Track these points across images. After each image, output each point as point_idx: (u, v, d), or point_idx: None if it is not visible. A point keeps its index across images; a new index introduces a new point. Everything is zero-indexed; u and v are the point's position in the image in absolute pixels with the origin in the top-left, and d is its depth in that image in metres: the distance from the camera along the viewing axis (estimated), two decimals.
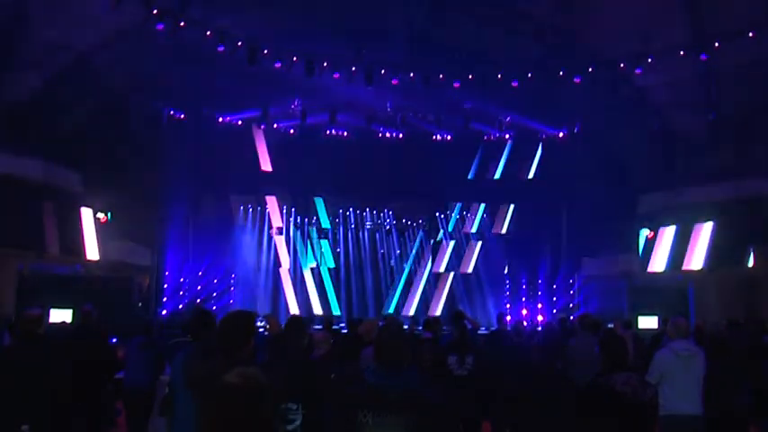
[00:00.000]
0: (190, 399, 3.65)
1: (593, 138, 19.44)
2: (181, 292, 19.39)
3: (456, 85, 17.15)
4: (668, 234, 18.06)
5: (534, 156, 21.48)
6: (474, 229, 22.57)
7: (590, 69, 16.48)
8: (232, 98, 18.96)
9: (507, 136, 21.21)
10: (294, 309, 20.80)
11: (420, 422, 2.86)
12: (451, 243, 22.43)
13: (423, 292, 22.11)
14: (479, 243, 22.35)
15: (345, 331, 10.20)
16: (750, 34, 14.40)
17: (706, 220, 16.98)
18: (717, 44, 14.91)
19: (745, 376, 7.06)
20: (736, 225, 16.16)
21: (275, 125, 20.47)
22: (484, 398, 7.13)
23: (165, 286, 19.18)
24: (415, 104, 19.70)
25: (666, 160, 17.87)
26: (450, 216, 22.65)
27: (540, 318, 20.13)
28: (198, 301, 18.94)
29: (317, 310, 21.12)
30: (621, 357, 4.27)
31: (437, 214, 22.54)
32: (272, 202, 21.81)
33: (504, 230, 22.34)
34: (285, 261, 21.66)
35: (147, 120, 18.10)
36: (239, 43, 15.49)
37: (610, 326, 11.42)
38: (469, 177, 21.72)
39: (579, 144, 19.95)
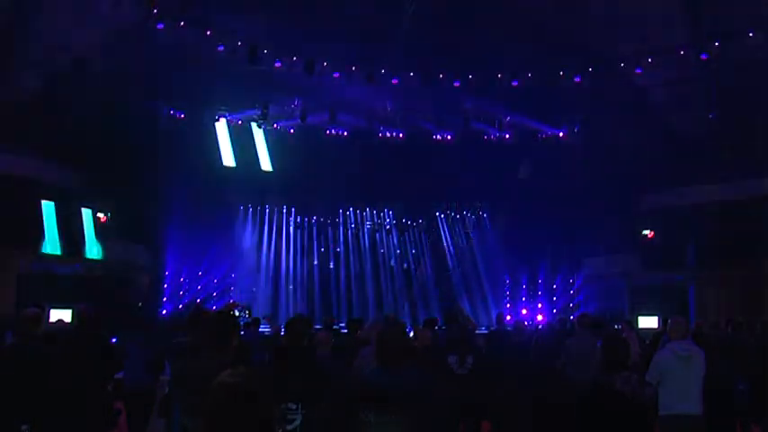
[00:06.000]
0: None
1: (593, 138, 19.44)
2: (181, 293, 19.39)
3: (456, 84, 17.15)
4: (668, 234, 18.06)
5: (534, 155, 21.47)
6: (474, 229, 22.57)
7: (590, 69, 16.48)
8: (232, 98, 18.96)
9: (507, 136, 21.18)
10: (294, 309, 20.80)
11: (421, 421, 2.86)
12: (451, 243, 22.44)
13: (422, 292, 22.11)
14: (479, 243, 22.35)
15: (345, 331, 10.19)
16: (750, 34, 14.41)
17: (706, 220, 16.98)
18: (717, 44, 14.91)
19: (746, 376, 7.07)
20: (735, 225, 16.16)
21: (275, 125, 20.46)
22: (484, 397, 7.13)
23: (165, 286, 19.18)
24: (416, 104, 19.69)
25: (666, 160, 17.87)
26: (451, 216, 22.66)
27: (539, 318, 20.13)
28: (198, 301, 18.94)
29: (317, 310, 21.12)
30: (622, 357, 4.26)
31: (437, 214, 22.54)
32: (272, 203, 21.82)
33: (503, 230, 22.35)
34: (285, 261, 21.67)
35: (147, 120, 18.09)
36: (239, 43, 15.49)
37: (617, 327, 11.46)
38: (469, 177, 21.71)
39: (579, 144, 19.94)
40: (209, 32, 15.15)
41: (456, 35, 16.48)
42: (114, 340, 9.59)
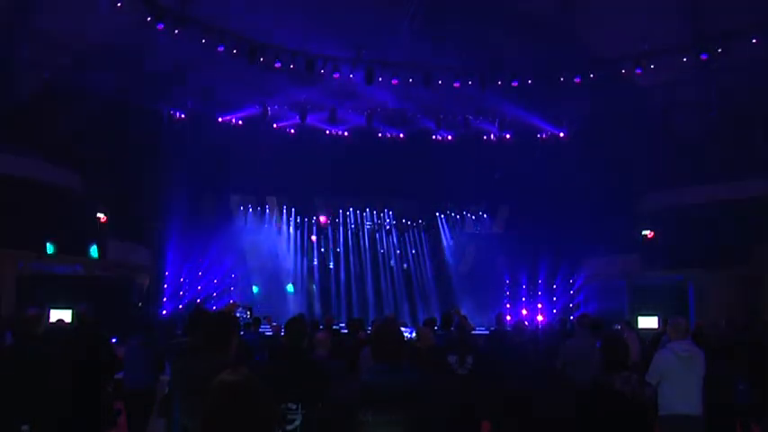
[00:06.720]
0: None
1: (594, 137, 19.44)
2: (181, 293, 19.40)
3: (456, 84, 17.16)
4: (668, 234, 18.06)
5: (534, 155, 21.46)
6: (473, 229, 22.57)
7: (590, 69, 16.49)
8: (232, 98, 18.97)
9: (507, 136, 21.18)
10: (294, 309, 20.81)
11: (420, 419, 2.86)
12: (451, 243, 22.44)
13: (423, 293, 22.12)
14: (479, 243, 22.35)
15: (345, 331, 10.20)
16: (750, 34, 14.42)
17: (706, 220, 16.97)
18: (717, 44, 14.92)
19: (746, 376, 7.06)
20: (735, 225, 16.16)
21: (275, 125, 20.47)
22: (484, 397, 7.13)
23: (165, 286, 19.18)
24: (416, 104, 19.70)
25: (666, 160, 17.86)
26: (451, 216, 22.66)
27: (540, 318, 20.13)
28: (198, 301, 18.94)
29: (317, 310, 21.13)
30: (621, 357, 4.26)
31: (437, 214, 22.55)
32: (272, 203, 21.82)
33: (503, 230, 22.35)
34: (285, 261, 21.67)
35: (147, 120, 18.09)
36: (239, 43, 15.50)
37: (617, 327, 11.45)
38: (470, 177, 21.70)
39: (579, 144, 19.95)
40: (209, 32, 15.15)
41: (456, 35, 16.49)
42: (114, 340, 9.61)
